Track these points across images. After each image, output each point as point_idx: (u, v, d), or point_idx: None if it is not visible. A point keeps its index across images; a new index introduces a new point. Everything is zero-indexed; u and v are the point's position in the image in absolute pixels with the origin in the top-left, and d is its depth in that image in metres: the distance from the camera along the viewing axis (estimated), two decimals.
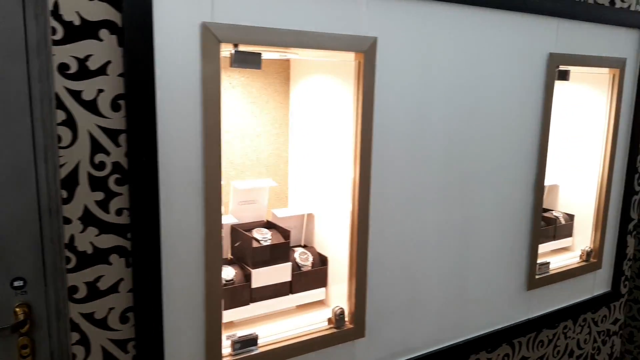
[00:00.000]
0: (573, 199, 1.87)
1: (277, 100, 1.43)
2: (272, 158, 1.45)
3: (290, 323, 1.26)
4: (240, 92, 1.36)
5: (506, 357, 1.62)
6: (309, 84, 1.35)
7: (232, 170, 1.39)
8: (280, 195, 1.49)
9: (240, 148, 1.39)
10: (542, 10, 1.44)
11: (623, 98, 1.75)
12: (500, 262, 1.53)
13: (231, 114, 1.36)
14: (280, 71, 1.42)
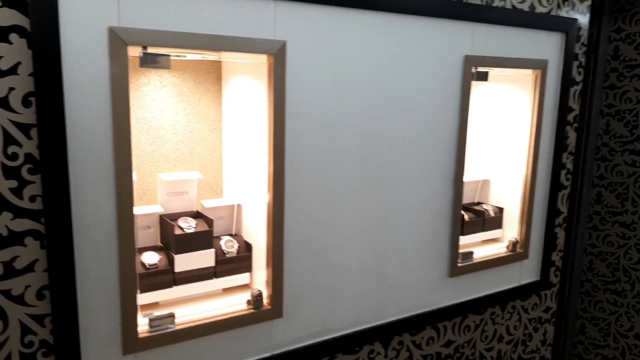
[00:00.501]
0: (503, 193, 1.98)
1: (209, 99, 1.53)
2: (205, 152, 1.55)
3: (213, 304, 1.36)
4: (171, 90, 1.46)
5: (431, 340, 1.73)
6: (237, 84, 1.45)
7: (166, 164, 1.49)
8: (215, 187, 1.59)
9: (172, 143, 1.49)
10: (457, 15, 1.54)
11: (547, 97, 1.85)
12: (420, 251, 1.63)
13: (165, 112, 1.46)
14: (211, 71, 1.52)
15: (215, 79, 1.53)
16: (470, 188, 2.02)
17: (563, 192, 2.01)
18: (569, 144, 1.98)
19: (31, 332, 1.07)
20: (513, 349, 1.99)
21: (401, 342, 1.65)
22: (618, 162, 2.88)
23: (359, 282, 1.52)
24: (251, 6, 1.20)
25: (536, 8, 1.74)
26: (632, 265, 2.87)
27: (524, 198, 1.89)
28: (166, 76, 1.45)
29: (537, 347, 2.09)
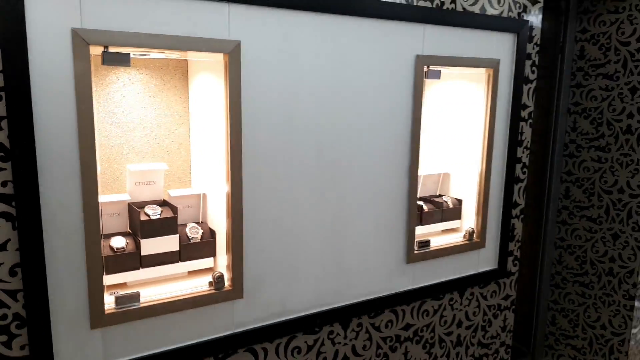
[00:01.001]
0: (462, 186, 2.09)
1: (176, 95, 1.64)
2: (173, 145, 1.66)
3: (179, 286, 1.46)
4: (140, 87, 1.57)
5: (390, 323, 1.83)
6: (200, 81, 1.56)
7: (135, 156, 1.60)
8: (183, 178, 1.69)
9: (141, 136, 1.59)
10: (408, 17, 1.65)
11: (500, 94, 1.96)
12: (377, 239, 1.73)
13: (134, 107, 1.56)
14: (177, 69, 1.63)
15: (181, 76, 1.64)
16: (431, 181, 2.13)
17: (520, 185, 2.12)
18: (524, 139, 2.09)
19: (5, 305, 1.17)
20: (473, 334, 2.10)
21: (360, 324, 1.75)
22: (585, 159, 3.00)
23: (317, 267, 1.62)
24: (206, 8, 1.31)
25: (487, 10, 1.85)
26: (599, 258, 2.98)
27: (479, 190, 2.00)
28: (135, 74, 1.55)
29: (497, 333, 2.19)
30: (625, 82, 2.79)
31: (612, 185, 2.89)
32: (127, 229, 1.53)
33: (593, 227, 2.99)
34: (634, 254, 2.84)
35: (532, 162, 3.22)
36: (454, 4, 1.76)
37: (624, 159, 2.83)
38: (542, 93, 3.12)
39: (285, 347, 1.59)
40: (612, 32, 2.82)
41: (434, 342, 1.97)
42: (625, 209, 2.84)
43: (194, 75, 1.60)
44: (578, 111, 3.01)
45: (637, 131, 2.77)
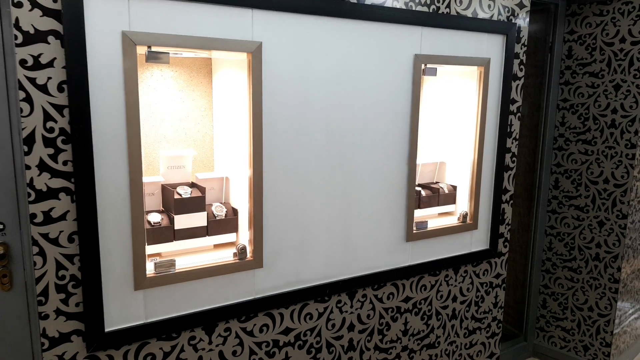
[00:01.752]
0: (457, 173, 2.29)
1: (201, 90, 1.84)
2: (199, 134, 1.86)
3: (206, 256, 1.67)
4: (170, 83, 1.77)
5: (391, 295, 2.03)
6: (223, 77, 1.76)
7: (166, 143, 1.80)
8: (207, 163, 1.90)
9: (171, 126, 1.79)
10: (408, 21, 1.86)
11: (491, 90, 2.17)
12: (380, 218, 1.94)
13: (165, 100, 1.77)
14: (203, 66, 1.83)
15: (206, 73, 1.84)
16: (429, 169, 2.34)
17: (509, 173, 2.32)
18: (513, 131, 2.30)
19: (63, 267, 1.37)
20: (467, 308, 2.30)
21: (365, 295, 1.96)
22: (573, 151, 3.21)
23: (327, 242, 1.83)
24: (233, 13, 1.51)
25: (478, 14, 2.06)
26: (586, 244, 3.19)
27: (472, 177, 2.20)
28: (166, 71, 1.76)
29: (489, 309, 2.40)
30: (609, 79, 3.00)
31: (598, 176, 3.10)
32: (160, 207, 1.73)
33: (581, 215, 3.20)
34: (618, 240, 3.04)
35: (524, 154, 3.43)
36: (448, 8, 1.97)
37: (609, 151, 3.03)
38: (533, 90, 3.33)
39: (299, 313, 1.79)
40: (597, 33, 3.03)
41: (431, 315, 2.18)
42: (610, 198, 3.05)
43: (217, 72, 1.80)
44: (566, 107, 3.21)
45: (620, 125, 2.97)
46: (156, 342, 1.53)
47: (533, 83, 3.33)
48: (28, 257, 1.59)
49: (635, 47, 2.88)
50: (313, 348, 1.85)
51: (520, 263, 3.50)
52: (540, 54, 3.26)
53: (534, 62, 3.31)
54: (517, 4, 2.19)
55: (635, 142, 2.92)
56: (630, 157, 2.95)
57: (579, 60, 3.13)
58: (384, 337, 2.04)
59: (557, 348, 3.40)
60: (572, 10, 3.13)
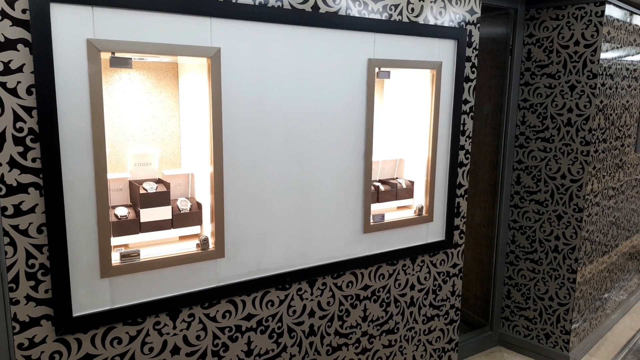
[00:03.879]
0: (415, 169, 2.43)
1: (168, 92, 1.96)
2: (166, 134, 1.98)
3: (172, 247, 1.79)
4: (138, 85, 1.89)
5: (350, 283, 2.17)
6: (188, 80, 1.88)
7: (135, 142, 1.92)
8: (174, 161, 2.02)
9: (139, 126, 1.91)
10: (361, 27, 2.00)
11: (443, 91, 2.32)
12: (338, 211, 2.07)
13: (133, 101, 1.88)
14: (169, 70, 1.95)
15: (172, 76, 1.96)
16: (389, 166, 2.48)
17: (463, 169, 2.47)
18: (467, 130, 2.44)
19: (33, 257, 1.49)
20: (425, 296, 2.45)
21: (324, 284, 2.09)
22: (532, 149, 3.37)
23: (287, 234, 1.96)
24: (192, 21, 1.63)
25: (430, 21, 2.20)
26: (546, 237, 3.36)
27: (427, 173, 2.35)
28: (134, 74, 1.87)
29: (447, 297, 2.54)
30: (565, 80, 3.17)
31: (556, 172, 3.27)
32: (128, 202, 1.85)
33: (540, 210, 3.36)
34: (575, 232, 3.22)
35: (488, 152, 3.59)
36: (400, 15, 2.11)
37: (565, 149, 3.20)
38: (496, 91, 3.49)
39: (260, 300, 1.92)
40: (554, 36, 3.20)
41: (389, 302, 2.32)
42: (567, 193, 3.22)
43: (183, 75, 1.92)
44: (526, 107, 3.38)
45: (575, 124, 3.14)
46: (122, 326, 1.64)
47: (496, 84, 3.50)
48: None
49: (588, 50, 3.05)
50: (275, 333, 1.98)
51: (487, 256, 3.66)
52: (502, 57, 3.42)
53: (497, 64, 3.47)
54: (468, 11, 2.34)
55: (589, 140, 3.09)
56: (585, 153, 3.12)
57: (538, 62, 3.30)
58: (344, 323, 2.18)
59: (521, 337, 3.57)
60: (531, 15, 3.30)
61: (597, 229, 3.42)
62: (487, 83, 3.58)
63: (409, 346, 2.44)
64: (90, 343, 1.60)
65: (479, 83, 3.64)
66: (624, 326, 4.05)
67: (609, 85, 3.22)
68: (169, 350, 1.74)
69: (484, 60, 3.60)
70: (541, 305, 3.45)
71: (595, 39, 3.02)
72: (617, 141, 3.49)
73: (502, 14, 3.38)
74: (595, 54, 3.03)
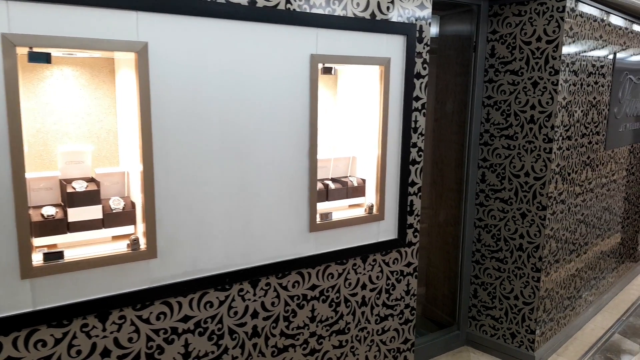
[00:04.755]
0: (367, 167, 2.40)
1: (104, 88, 1.92)
2: (102, 131, 1.94)
3: (104, 247, 1.74)
4: (71, 81, 1.84)
5: (297, 283, 2.13)
6: (123, 75, 1.84)
7: (68, 140, 1.87)
8: (112, 159, 1.97)
9: (73, 123, 1.87)
10: (302, 22, 1.96)
11: (394, 88, 2.28)
12: (282, 210, 2.04)
13: (66, 98, 1.84)
14: (105, 66, 1.91)
15: (109, 72, 1.92)
16: (342, 164, 2.45)
17: (416, 167, 2.44)
18: (419, 127, 2.41)
19: None
20: (377, 296, 2.42)
21: (268, 284, 2.05)
22: (497, 146, 3.35)
23: (226, 233, 1.92)
24: (117, 15, 1.59)
25: (377, 16, 2.17)
26: (511, 236, 3.34)
27: (377, 171, 2.31)
28: (67, 70, 1.83)
29: (401, 296, 2.51)
30: (528, 77, 3.15)
31: (519, 169, 3.25)
32: (59, 201, 1.80)
33: (505, 208, 3.34)
34: (539, 230, 3.20)
35: (454, 150, 3.57)
36: (345, 10, 2.07)
37: (529, 146, 3.18)
38: (461, 88, 3.47)
39: (198, 301, 1.88)
40: (516, 32, 3.18)
41: (339, 302, 2.29)
42: (530, 191, 3.20)
43: (119, 71, 1.88)
44: (490, 104, 3.36)
45: (538, 121, 3.12)
46: (47, 329, 1.60)
47: (461, 82, 3.47)
48: None
49: (550, 46, 3.03)
50: (215, 335, 1.94)
51: (453, 255, 3.64)
52: (467, 54, 3.39)
53: (463, 61, 3.45)
54: (418, 6, 2.31)
55: (552, 137, 3.07)
56: (547, 151, 3.10)
57: (501, 58, 3.27)
58: (290, 323, 2.14)
59: (487, 336, 3.55)
60: (494, 11, 3.28)
61: (564, 227, 3.41)
62: (453, 80, 3.55)
63: (362, 347, 2.41)
64: (12, 346, 1.55)
65: (445, 81, 3.62)
66: (595, 325, 4.04)
67: (573, 81, 3.20)
68: (98, 353, 1.70)
69: (449, 58, 3.57)
70: (507, 305, 3.43)
71: (557, 34, 3.00)
72: (583, 138, 3.48)
73: (466, 11, 3.36)
74: (557, 49, 3.01)
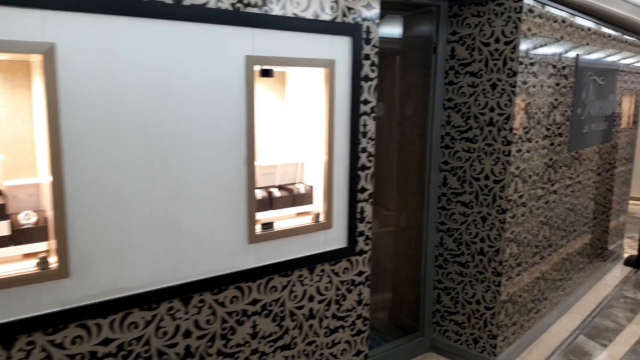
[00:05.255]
0: (315, 173, 2.29)
1: (19, 93, 1.76)
2: (18, 138, 1.78)
3: (10, 267, 1.59)
4: None
5: (235, 298, 2.01)
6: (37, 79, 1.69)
7: None
8: (29, 169, 1.82)
9: None
10: (234, 22, 1.83)
11: (340, 91, 2.17)
12: (216, 222, 1.91)
13: None
14: (20, 69, 1.75)
15: (24, 76, 1.76)
16: (290, 170, 2.33)
17: (366, 172, 2.33)
18: (368, 131, 2.31)
19: None
20: (326, 307, 2.31)
21: (202, 300, 1.92)
22: (457, 149, 3.27)
23: (152, 248, 1.78)
24: (20, 14, 1.44)
25: (320, 16, 2.05)
26: (472, 239, 3.27)
27: (324, 177, 2.20)
28: None
29: (352, 307, 2.41)
30: (487, 79, 3.07)
31: (479, 172, 3.17)
32: None
33: (466, 211, 3.27)
34: (499, 234, 3.13)
35: (415, 153, 3.48)
36: (284, 10, 1.95)
37: (488, 149, 3.11)
38: (423, 90, 3.38)
39: (120, 323, 1.74)
40: (475, 34, 3.10)
41: (284, 316, 2.17)
42: (490, 194, 3.13)
43: (34, 74, 1.73)
44: (451, 106, 3.27)
45: (497, 123, 3.05)
46: None
47: (423, 83, 3.38)
48: None
49: (507, 47, 2.96)
50: (141, 357, 1.80)
51: (417, 259, 3.55)
52: (428, 55, 3.30)
53: (424, 63, 3.36)
54: (365, 6, 2.20)
55: (510, 140, 3.00)
56: (506, 153, 3.03)
57: (461, 60, 3.19)
58: (229, 341, 2.02)
59: (451, 342, 3.47)
60: (454, 12, 3.19)
61: (525, 229, 3.35)
62: (415, 82, 3.46)
63: None
64: None
65: (408, 83, 3.53)
66: (560, 327, 4.01)
67: (532, 83, 3.14)
68: None
69: (412, 60, 3.48)
70: (469, 310, 3.35)
71: (515, 35, 2.92)
72: (545, 140, 3.42)
73: (427, 12, 3.27)
74: (514, 51, 2.94)
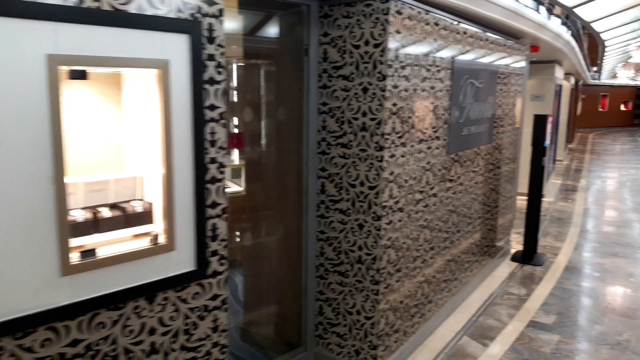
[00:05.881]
0: (155, 189, 2.03)
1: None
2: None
3: None
4: None
5: (48, 341, 1.70)
6: None
7: None
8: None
9: None
10: (32, 15, 1.53)
11: (180, 95, 1.93)
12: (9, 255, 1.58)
13: None
14: None
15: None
16: (124, 185, 2.05)
17: (218, 185, 2.12)
18: (218, 140, 2.10)
19: None
20: (173, 339, 2.06)
21: (1, 348, 1.60)
22: (334, 155, 3.17)
23: None
24: None
25: (147, 10, 1.80)
26: (350, 248, 3.18)
27: (163, 193, 1.95)
28: None
29: (206, 335, 2.18)
30: (358, 82, 2.99)
31: (355, 179, 3.09)
32: None
33: (344, 219, 3.17)
34: (375, 241, 3.06)
35: (294, 159, 3.33)
36: (98, 2, 1.68)
37: (362, 154, 3.03)
38: (297, 94, 3.23)
39: None
40: (346, 35, 3.01)
41: (116, 355, 1.89)
42: (366, 201, 3.06)
43: None
44: (326, 110, 3.16)
45: (370, 128, 2.98)
46: None
47: (298, 87, 3.24)
48: None
49: (377, 50, 2.89)
50: None
51: (299, 270, 3.41)
52: (301, 57, 3.16)
53: (299, 65, 3.21)
54: (205, 1, 1.98)
55: (383, 145, 2.94)
56: (379, 159, 2.97)
57: (333, 63, 3.09)
58: None
59: (334, 355, 3.36)
60: (325, 12, 3.08)
61: (404, 235, 3.32)
62: (290, 86, 3.31)
63: None
64: None
65: (284, 86, 3.37)
66: (446, 329, 4.07)
67: (405, 87, 3.11)
68: None
69: (285, 62, 3.33)
70: (350, 320, 3.27)
71: (383, 37, 2.86)
72: (421, 144, 3.43)
73: (297, 12, 3.12)
74: (383, 54, 2.88)
